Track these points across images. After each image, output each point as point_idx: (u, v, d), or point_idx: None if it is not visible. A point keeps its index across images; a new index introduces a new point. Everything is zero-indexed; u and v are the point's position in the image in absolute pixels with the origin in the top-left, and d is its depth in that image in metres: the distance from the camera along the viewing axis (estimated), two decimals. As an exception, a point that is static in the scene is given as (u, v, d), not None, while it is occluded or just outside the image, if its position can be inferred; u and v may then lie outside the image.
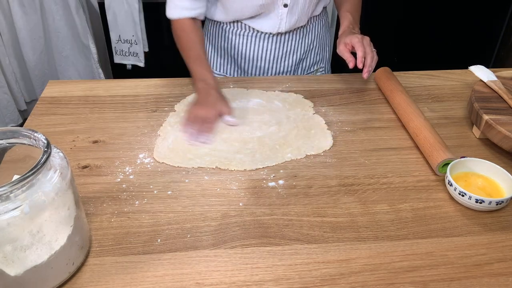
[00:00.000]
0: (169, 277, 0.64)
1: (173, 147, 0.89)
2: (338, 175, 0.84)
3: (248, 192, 0.79)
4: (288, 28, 1.14)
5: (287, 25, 1.13)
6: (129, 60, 2.24)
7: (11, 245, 0.54)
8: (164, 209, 0.75)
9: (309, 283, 0.64)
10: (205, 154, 0.87)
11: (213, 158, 0.86)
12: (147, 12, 2.15)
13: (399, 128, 0.98)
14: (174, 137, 0.91)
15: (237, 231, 0.72)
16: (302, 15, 1.14)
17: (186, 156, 0.86)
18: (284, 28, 1.14)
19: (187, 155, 0.87)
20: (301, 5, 1.11)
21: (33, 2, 2.04)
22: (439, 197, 0.79)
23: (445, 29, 2.42)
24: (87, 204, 0.75)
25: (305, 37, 1.21)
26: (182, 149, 0.88)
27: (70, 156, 0.86)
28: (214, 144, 0.90)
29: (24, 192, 0.54)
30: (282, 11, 1.11)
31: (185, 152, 0.87)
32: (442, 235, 0.72)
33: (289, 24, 1.13)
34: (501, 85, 0.99)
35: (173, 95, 1.07)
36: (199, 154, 0.87)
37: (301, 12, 1.13)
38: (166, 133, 0.93)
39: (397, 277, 0.65)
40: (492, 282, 0.64)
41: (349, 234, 0.71)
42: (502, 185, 0.79)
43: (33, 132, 0.60)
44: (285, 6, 1.09)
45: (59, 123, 0.96)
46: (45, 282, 0.60)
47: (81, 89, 1.08)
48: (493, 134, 0.88)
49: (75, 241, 0.62)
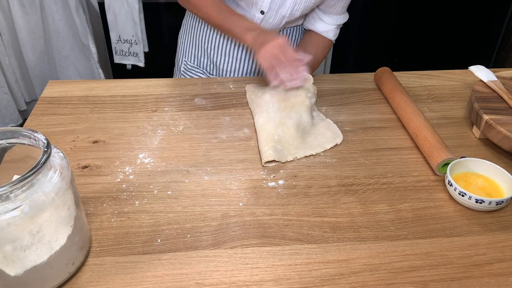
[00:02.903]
0: (169, 277, 0.64)
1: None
2: (338, 175, 0.84)
3: (248, 192, 0.79)
4: None
5: None
6: (129, 60, 2.25)
7: (11, 245, 0.54)
8: (164, 209, 0.75)
9: (309, 283, 0.64)
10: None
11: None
12: (147, 12, 2.15)
13: (399, 128, 0.98)
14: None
15: (237, 231, 0.72)
16: (276, 28, 1.14)
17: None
18: None
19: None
20: (278, 20, 1.11)
21: (33, 2, 2.04)
22: (439, 197, 0.79)
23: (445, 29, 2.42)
24: (87, 204, 0.75)
25: None
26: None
27: (70, 156, 0.86)
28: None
29: (24, 192, 0.54)
30: (258, 16, 1.10)
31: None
32: (442, 235, 0.72)
33: None
34: (501, 85, 0.99)
35: (173, 95, 1.07)
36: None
37: (276, 26, 1.12)
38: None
39: (397, 277, 0.65)
40: (492, 282, 0.64)
41: (349, 234, 0.71)
42: (502, 185, 0.79)
43: (33, 132, 0.60)
44: (261, 13, 1.09)
45: (59, 123, 0.96)
46: (45, 282, 0.60)
47: (81, 89, 1.08)
48: (493, 134, 0.88)
49: (75, 241, 0.62)
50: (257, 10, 1.09)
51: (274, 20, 1.11)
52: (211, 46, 1.20)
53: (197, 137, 0.93)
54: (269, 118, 0.93)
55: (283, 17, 1.10)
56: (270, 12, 1.09)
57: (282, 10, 1.08)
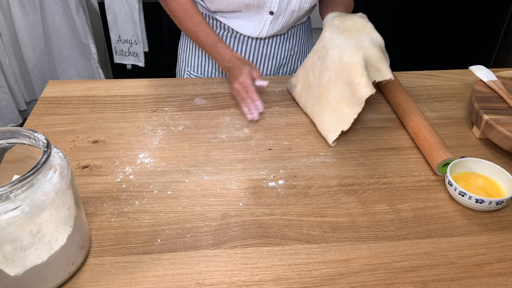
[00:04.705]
0: (169, 277, 0.64)
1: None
2: (338, 175, 0.84)
3: (248, 192, 0.79)
4: (269, 35, 1.14)
5: (269, 32, 1.13)
6: (129, 60, 2.25)
7: (11, 245, 0.54)
8: (164, 209, 0.75)
9: (309, 283, 0.64)
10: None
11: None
12: (147, 12, 2.15)
13: (399, 128, 0.98)
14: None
15: (237, 231, 0.72)
16: (286, 26, 1.14)
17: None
18: (265, 34, 1.14)
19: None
20: (288, 17, 1.10)
21: (33, 2, 2.04)
22: (439, 197, 0.79)
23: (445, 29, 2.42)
24: (87, 204, 0.75)
25: (286, 42, 1.20)
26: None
27: (70, 156, 0.86)
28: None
29: (24, 192, 0.54)
30: (267, 18, 1.10)
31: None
32: (442, 235, 0.72)
33: (271, 31, 1.13)
34: (501, 85, 0.99)
35: (173, 95, 1.07)
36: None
37: (285, 23, 1.12)
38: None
39: (397, 277, 0.65)
40: (492, 282, 0.64)
41: (349, 234, 0.71)
42: (502, 185, 0.79)
43: (33, 132, 0.60)
44: (271, 14, 1.09)
45: (59, 123, 0.96)
46: (45, 282, 0.60)
47: (81, 89, 1.08)
48: (493, 134, 0.88)
49: (75, 241, 0.62)
50: (265, 12, 1.08)
51: (283, 18, 1.10)
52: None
53: (197, 137, 0.93)
54: (342, 49, 0.88)
55: (292, 12, 1.10)
56: (279, 10, 1.08)
57: (291, 5, 1.08)
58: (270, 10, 1.08)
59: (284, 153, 0.89)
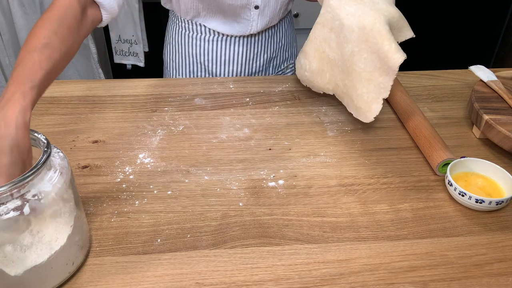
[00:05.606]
0: (169, 277, 0.64)
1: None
2: (338, 175, 0.84)
3: (248, 192, 0.79)
4: (259, 29, 1.14)
5: (259, 27, 1.13)
6: (129, 60, 2.24)
7: (11, 245, 0.54)
8: (164, 209, 0.75)
9: (309, 283, 0.64)
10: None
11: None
12: (147, 12, 2.15)
13: (399, 128, 0.98)
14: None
15: (237, 231, 0.72)
16: (274, 16, 1.13)
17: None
18: (255, 30, 1.13)
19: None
20: (273, 7, 1.10)
21: (33, 2, 2.04)
22: (439, 197, 0.79)
23: (445, 29, 2.42)
24: (87, 204, 0.75)
25: (274, 35, 1.20)
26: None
27: (70, 156, 0.86)
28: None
29: (24, 192, 0.54)
30: (253, 13, 1.09)
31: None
32: (442, 235, 0.72)
33: (260, 26, 1.12)
34: (501, 85, 0.99)
35: (173, 95, 1.07)
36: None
37: (272, 13, 1.12)
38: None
39: (397, 277, 0.65)
40: (492, 282, 0.64)
41: (349, 234, 0.71)
42: (502, 185, 0.79)
43: (33, 132, 0.60)
44: (256, 8, 1.08)
45: (59, 123, 0.96)
46: (45, 282, 0.60)
47: (81, 89, 1.08)
48: (493, 134, 0.88)
49: (75, 241, 0.62)
50: (251, 8, 1.08)
51: (269, 8, 1.10)
52: (208, 58, 1.19)
53: (197, 137, 0.93)
54: (359, 16, 0.81)
55: (277, 2, 1.09)
56: (264, 2, 1.08)
57: None
58: (255, 5, 1.08)
59: (284, 153, 0.89)
